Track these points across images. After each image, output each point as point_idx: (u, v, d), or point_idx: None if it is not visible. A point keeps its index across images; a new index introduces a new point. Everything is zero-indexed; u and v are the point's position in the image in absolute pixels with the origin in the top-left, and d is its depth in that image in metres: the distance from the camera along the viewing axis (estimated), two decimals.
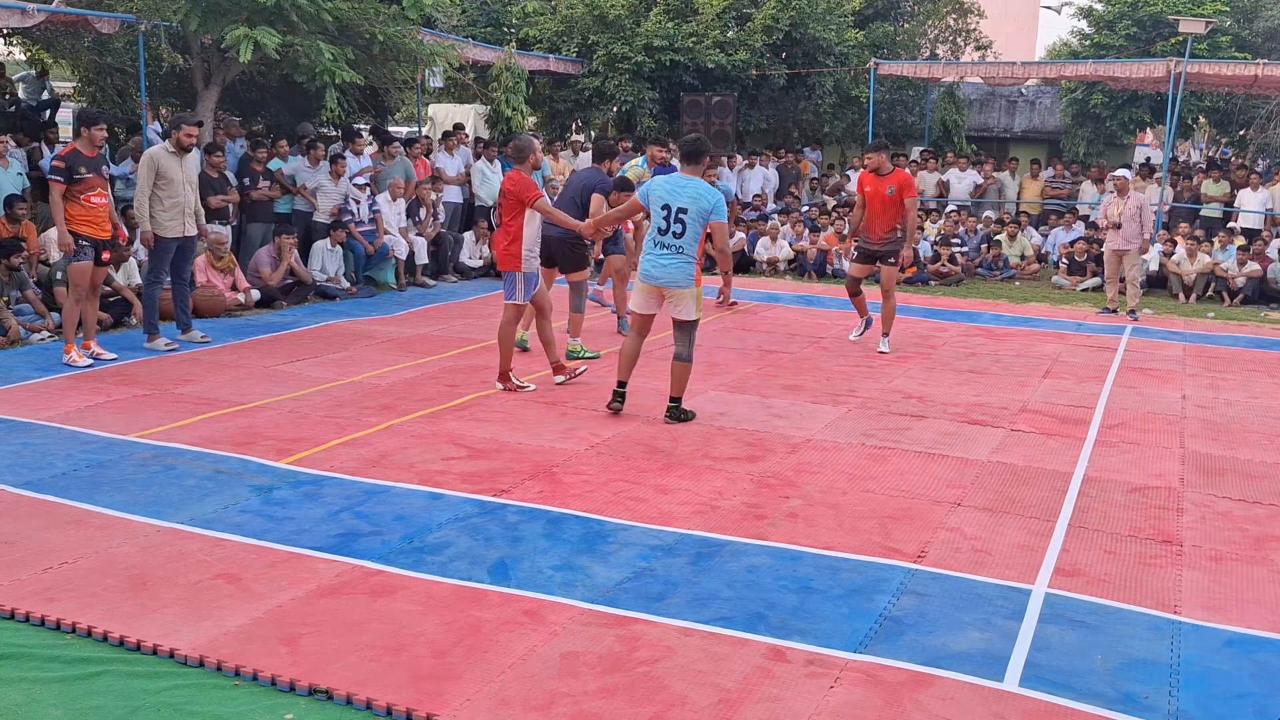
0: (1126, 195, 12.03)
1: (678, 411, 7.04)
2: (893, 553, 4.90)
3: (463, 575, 4.53)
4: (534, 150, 7.72)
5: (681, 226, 6.81)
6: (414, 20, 12.62)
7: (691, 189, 6.81)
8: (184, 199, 8.73)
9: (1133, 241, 12.04)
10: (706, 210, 6.78)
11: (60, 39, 13.53)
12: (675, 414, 7.03)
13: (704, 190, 6.83)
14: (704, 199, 6.78)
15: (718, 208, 6.83)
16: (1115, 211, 12.03)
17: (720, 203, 6.90)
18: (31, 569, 4.47)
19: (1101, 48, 20.08)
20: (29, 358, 8.40)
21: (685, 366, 7.01)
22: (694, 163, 6.94)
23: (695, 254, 6.89)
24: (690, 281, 6.90)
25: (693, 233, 6.81)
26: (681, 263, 6.85)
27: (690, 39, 17.79)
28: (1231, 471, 6.35)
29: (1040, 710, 3.60)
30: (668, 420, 6.98)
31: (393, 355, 8.82)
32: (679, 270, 6.86)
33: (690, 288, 6.91)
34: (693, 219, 6.79)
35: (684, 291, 6.89)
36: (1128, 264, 12.12)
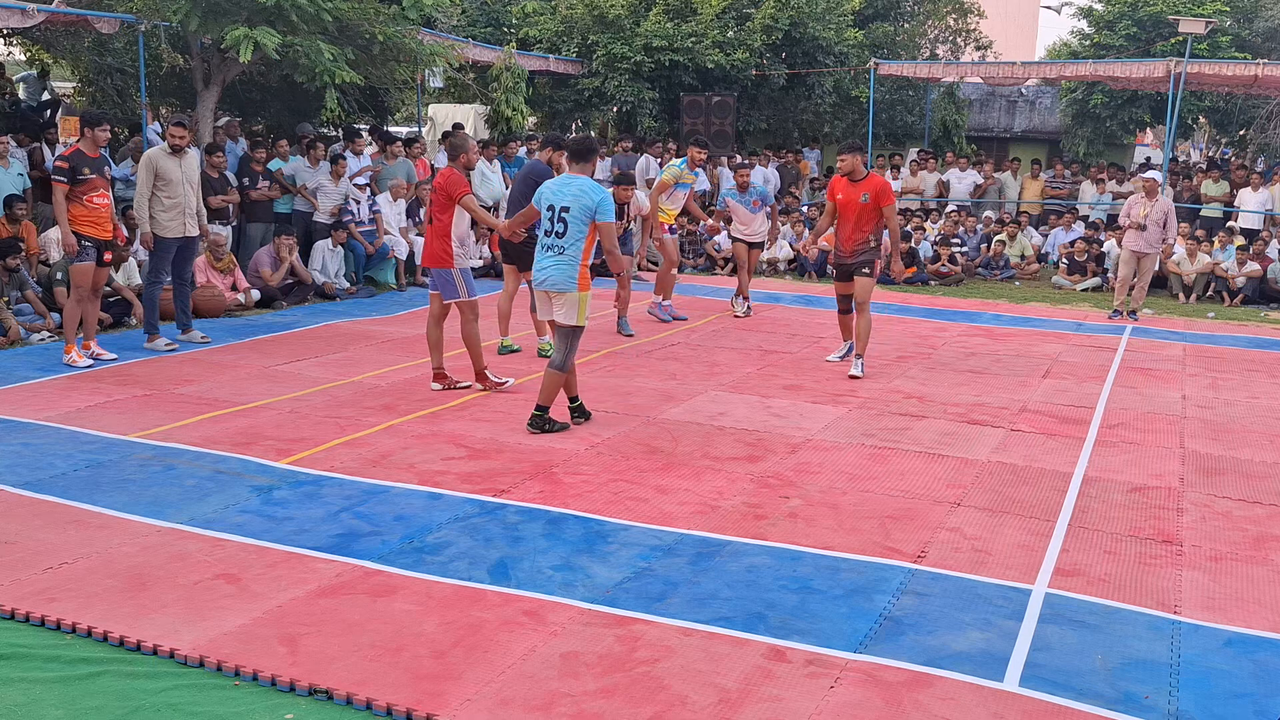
0: (1155, 198, 11.85)
1: (540, 421, 6.66)
2: (893, 553, 4.90)
3: (463, 575, 4.53)
4: (467, 149, 7.57)
5: (563, 226, 6.56)
6: (414, 20, 12.62)
7: (575, 187, 6.57)
8: (184, 199, 8.74)
9: (1155, 246, 11.94)
10: (590, 208, 6.51)
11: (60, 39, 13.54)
12: (538, 423, 6.65)
13: (589, 188, 6.55)
14: (587, 196, 6.51)
15: (602, 206, 6.53)
16: (1141, 213, 11.83)
17: (606, 201, 6.57)
18: (31, 569, 4.47)
19: (1101, 48, 20.08)
20: (29, 358, 8.40)
21: (556, 376, 6.67)
22: (582, 161, 6.74)
23: (579, 255, 6.56)
24: (572, 285, 6.57)
25: (575, 232, 6.54)
26: (562, 264, 6.57)
27: (690, 39, 17.80)
28: (1231, 471, 6.34)
29: (1040, 710, 3.59)
30: (530, 430, 6.64)
31: (393, 355, 8.82)
32: (559, 272, 6.57)
33: (572, 291, 6.58)
34: (574, 218, 6.53)
35: (566, 295, 6.60)
36: (1145, 268, 12.00)
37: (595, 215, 6.53)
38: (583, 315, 6.68)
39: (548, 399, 6.70)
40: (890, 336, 10.41)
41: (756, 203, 10.84)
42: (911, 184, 17.66)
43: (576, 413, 6.95)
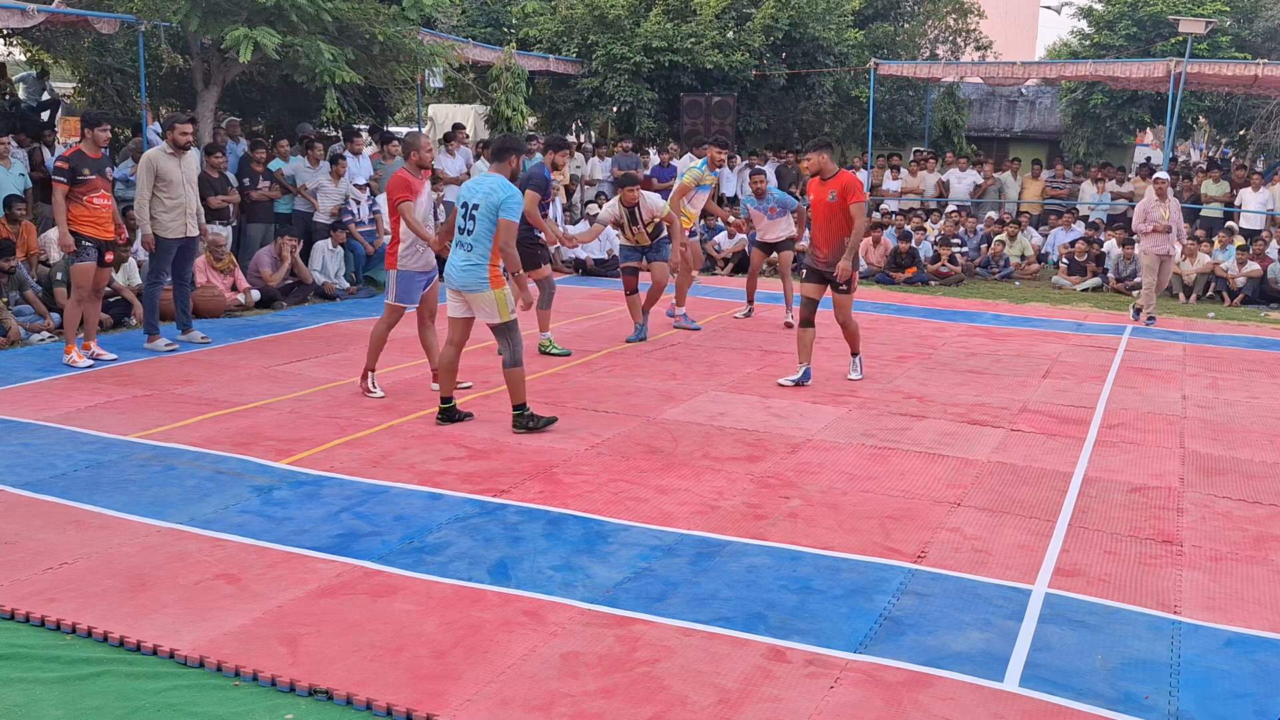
0: (1165, 199, 11.68)
1: (524, 419, 6.65)
2: (893, 553, 4.90)
3: (463, 575, 4.53)
4: (418, 147, 7.39)
5: (472, 223, 6.52)
6: (414, 20, 12.62)
7: (486, 185, 6.51)
8: (185, 199, 8.74)
9: (1176, 245, 11.86)
10: (495, 205, 6.44)
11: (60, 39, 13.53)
12: (521, 423, 6.65)
13: (498, 186, 6.48)
14: (495, 194, 6.45)
15: (507, 203, 6.45)
16: (1163, 215, 11.60)
17: (512, 199, 6.47)
18: (31, 569, 4.47)
19: (1101, 48, 20.08)
20: (29, 358, 8.40)
21: (515, 372, 6.62)
22: (499, 160, 6.70)
23: (488, 253, 6.51)
24: (482, 284, 6.52)
25: (482, 229, 6.48)
26: (470, 263, 6.52)
27: (689, 39, 17.79)
28: (1231, 471, 6.34)
29: (1040, 710, 3.59)
30: (516, 430, 6.64)
31: (393, 355, 8.82)
32: (468, 272, 6.53)
33: (483, 291, 6.53)
34: (483, 215, 6.47)
35: (477, 296, 6.55)
36: (1166, 270, 11.87)
37: (500, 212, 6.45)
38: (505, 310, 6.60)
39: (519, 397, 6.68)
40: (890, 336, 10.41)
41: (774, 209, 10.55)
42: (911, 184, 17.66)
43: (445, 415, 6.84)
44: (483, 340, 9.49)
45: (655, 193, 10.29)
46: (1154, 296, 11.91)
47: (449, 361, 6.83)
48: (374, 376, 7.58)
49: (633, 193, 9.35)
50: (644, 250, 9.67)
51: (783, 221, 10.65)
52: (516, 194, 6.57)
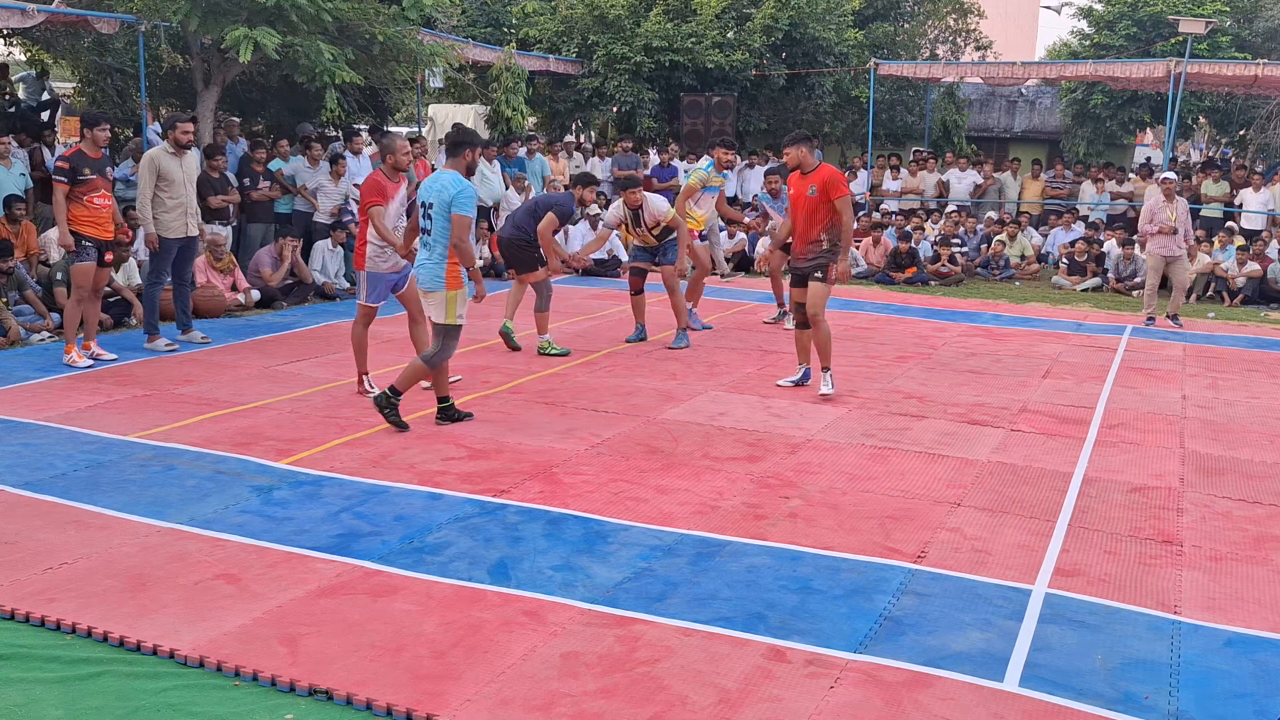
0: (1173, 200, 11.60)
1: (386, 401, 6.58)
2: (893, 553, 4.90)
3: (463, 575, 4.53)
4: (394, 150, 7.34)
5: (430, 222, 6.51)
6: (414, 20, 12.62)
7: (440, 182, 6.47)
8: (186, 199, 8.74)
9: (1180, 246, 11.71)
10: (448, 202, 6.40)
11: (60, 39, 13.53)
12: (381, 400, 6.60)
13: (448, 182, 6.43)
14: (447, 190, 6.40)
15: (459, 198, 6.39)
16: (1170, 216, 11.55)
17: (464, 193, 6.42)
18: (31, 569, 4.47)
19: (1101, 48, 20.09)
20: (29, 358, 8.40)
21: (419, 367, 6.63)
22: (453, 155, 6.64)
23: (446, 252, 6.48)
24: (437, 283, 6.50)
25: (439, 228, 6.45)
26: (430, 262, 6.51)
27: (690, 39, 17.80)
28: (1231, 471, 6.34)
29: (1040, 710, 3.59)
30: (375, 404, 6.64)
31: (393, 355, 8.82)
32: (427, 271, 6.52)
33: (439, 290, 6.51)
34: (438, 213, 6.44)
35: (435, 294, 6.54)
36: (1176, 271, 11.74)
37: (452, 207, 6.41)
38: (453, 313, 6.56)
39: (404, 385, 6.61)
40: (890, 336, 10.41)
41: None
42: (911, 184, 17.67)
43: (444, 415, 6.86)
44: (483, 340, 9.49)
45: (656, 194, 10.10)
46: (1155, 298, 11.89)
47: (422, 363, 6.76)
48: (368, 378, 7.59)
49: (635, 195, 9.23)
50: (653, 252, 9.53)
51: None
52: (469, 189, 6.49)
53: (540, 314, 9.05)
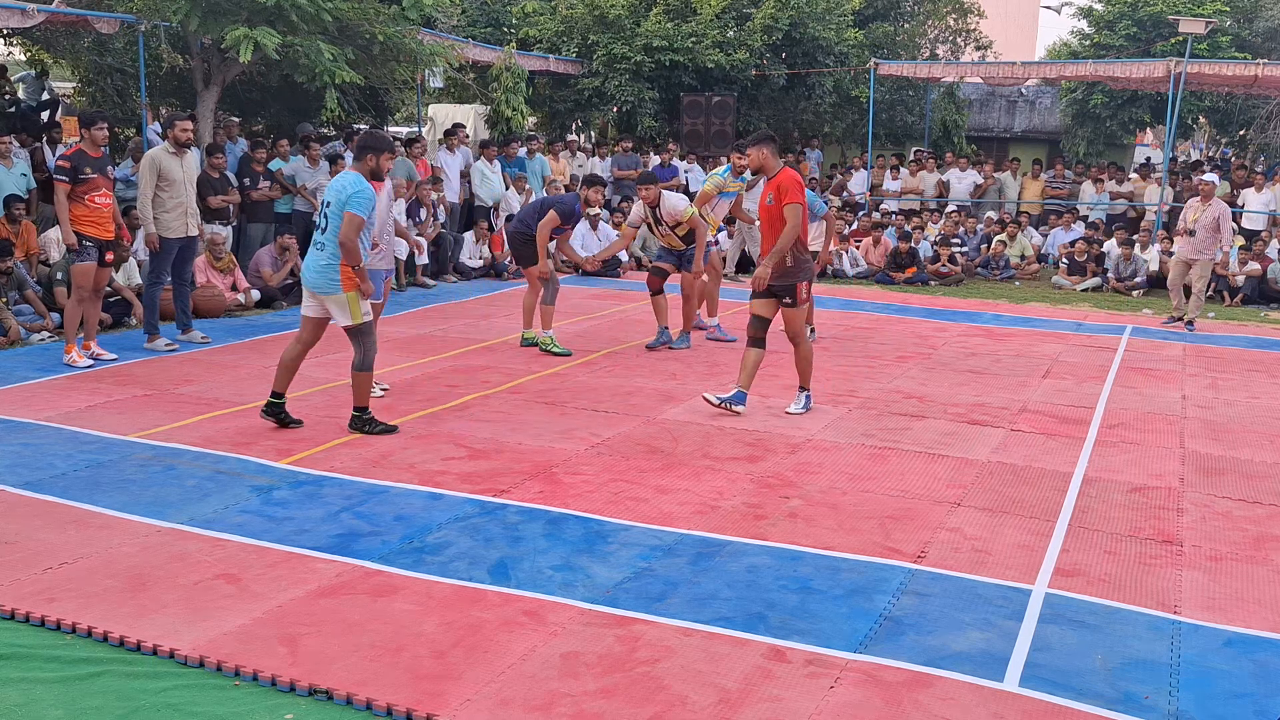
0: (1209, 202, 11.44)
1: (361, 421, 6.54)
2: (893, 553, 4.90)
3: (463, 575, 4.53)
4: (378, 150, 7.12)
5: (325, 221, 6.44)
6: (414, 20, 12.62)
7: (339, 183, 6.40)
8: (186, 199, 8.74)
9: (1204, 251, 11.47)
10: (343, 201, 6.31)
11: (60, 39, 13.54)
12: (358, 425, 6.54)
13: (347, 182, 6.35)
14: (343, 190, 6.33)
15: (354, 198, 6.29)
16: (1191, 217, 11.46)
17: (360, 194, 6.30)
18: (31, 569, 4.47)
19: (1101, 48, 20.09)
20: (29, 358, 8.40)
21: (360, 376, 6.53)
22: (357, 159, 6.58)
23: (336, 251, 6.35)
24: (333, 287, 6.40)
25: (334, 229, 6.35)
26: (322, 263, 6.41)
27: (690, 39, 17.80)
28: (1231, 471, 6.34)
29: (1040, 710, 3.59)
30: (351, 429, 6.53)
31: (393, 355, 8.82)
32: (320, 273, 6.42)
33: (335, 294, 6.41)
34: (334, 214, 6.36)
35: (332, 298, 6.44)
36: (1196, 273, 11.53)
37: (346, 205, 6.32)
38: (357, 313, 6.47)
39: (361, 400, 6.56)
40: (890, 336, 10.41)
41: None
42: (911, 184, 17.66)
43: (270, 411, 6.67)
44: (483, 340, 9.49)
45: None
46: (1176, 298, 11.73)
47: (291, 358, 6.65)
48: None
49: (650, 190, 9.00)
50: (678, 255, 9.32)
51: (813, 228, 9.74)
52: (366, 191, 6.39)
53: (545, 307, 9.05)
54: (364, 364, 6.57)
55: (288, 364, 6.66)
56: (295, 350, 6.67)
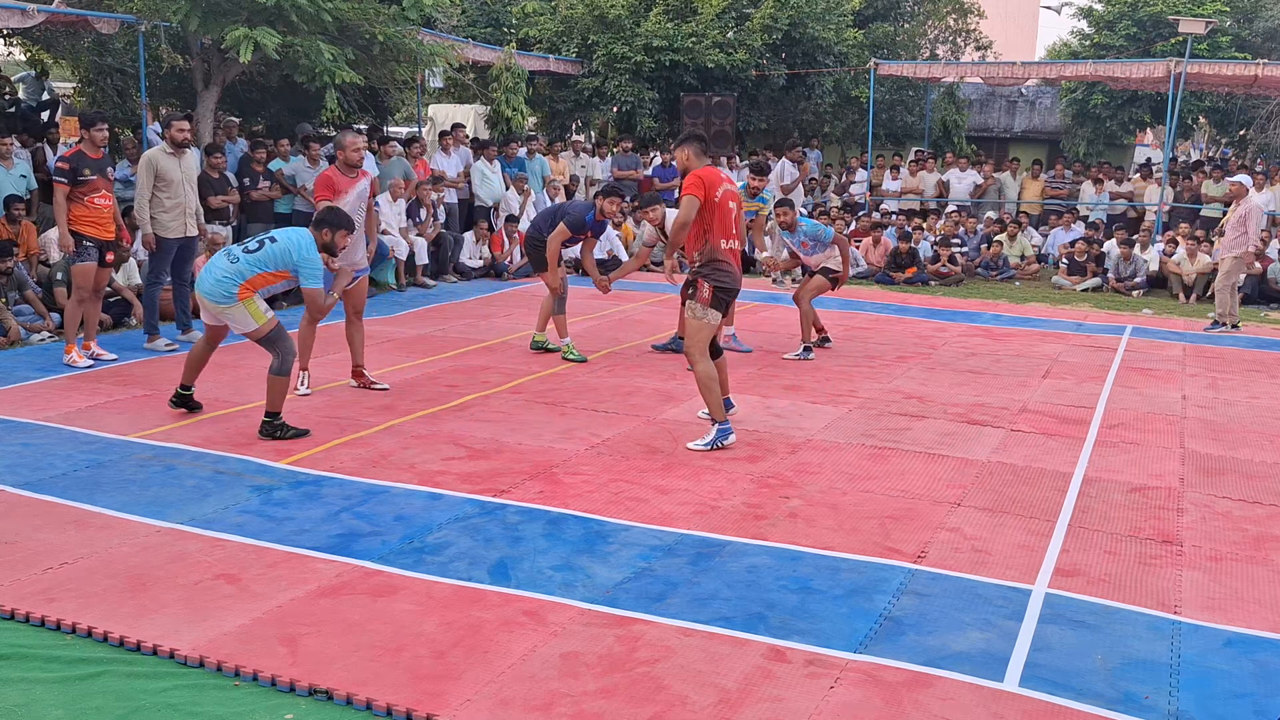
0: (1239, 201, 11.42)
1: (271, 427, 6.41)
2: (893, 553, 4.90)
3: (463, 575, 4.53)
4: (342, 146, 7.27)
5: (258, 245, 6.47)
6: (414, 20, 12.62)
7: (296, 239, 6.50)
8: (184, 199, 8.74)
9: (1229, 250, 11.44)
10: (294, 264, 6.42)
11: (60, 39, 13.54)
12: (268, 431, 6.41)
13: (304, 245, 6.44)
14: (298, 251, 6.42)
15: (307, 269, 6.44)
16: (1224, 219, 11.45)
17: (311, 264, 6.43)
18: (31, 569, 4.47)
19: (1101, 48, 20.10)
20: (29, 358, 8.40)
21: (275, 380, 6.40)
22: (315, 228, 6.64)
23: (245, 279, 6.36)
24: (229, 300, 6.34)
25: (261, 260, 6.40)
26: (225, 274, 6.37)
27: (690, 39, 17.80)
28: (1231, 471, 6.34)
29: (1040, 710, 3.59)
30: (261, 436, 6.41)
31: (393, 355, 8.82)
32: (216, 283, 6.36)
33: (229, 305, 6.35)
34: (274, 255, 6.44)
35: (228, 310, 6.40)
36: (1221, 271, 11.53)
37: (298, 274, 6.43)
38: (259, 315, 6.42)
39: (273, 405, 6.43)
40: (890, 336, 10.41)
41: (806, 244, 9.29)
42: (911, 184, 17.66)
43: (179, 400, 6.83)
44: (483, 340, 9.49)
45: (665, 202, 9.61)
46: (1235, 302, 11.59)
47: (198, 355, 6.78)
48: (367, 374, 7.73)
49: (654, 212, 8.73)
50: None
51: (820, 256, 9.34)
52: (318, 261, 6.51)
53: (557, 317, 8.95)
54: (281, 368, 6.44)
55: (195, 361, 6.82)
56: (202, 348, 6.82)
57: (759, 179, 9.50)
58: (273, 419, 6.46)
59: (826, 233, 9.28)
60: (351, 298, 7.67)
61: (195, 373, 6.84)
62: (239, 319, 6.44)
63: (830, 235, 9.28)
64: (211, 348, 6.82)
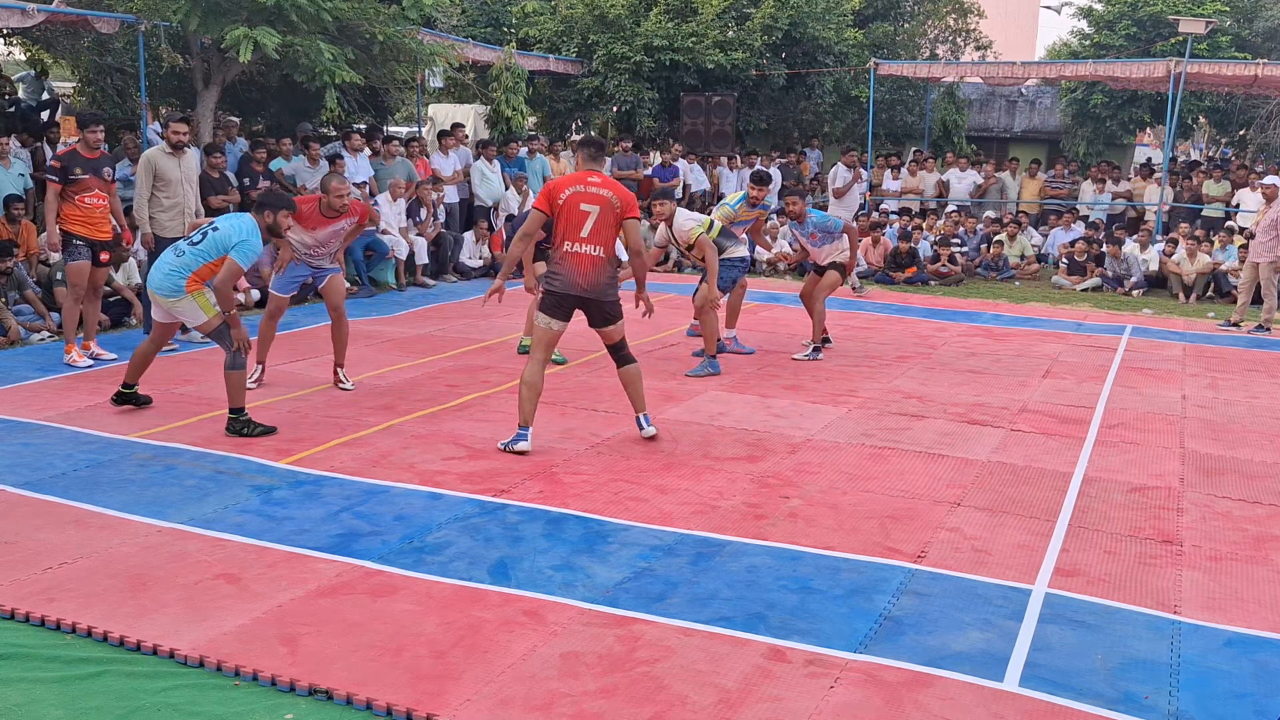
0: (1270, 204, 11.42)
1: (238, 424, 6.44)
2: (893, 553, 4.90)
3: (463, 575, 4.53)
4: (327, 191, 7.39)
5: (201, 238, 6.52)
6: (414, 20, 12.62)
7: (236, 223, 6.55)
8: (183, 199, 8.73)
9: (1262, 255, 11.40)
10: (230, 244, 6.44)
11: (60, 39, 13.54)
12: (235, 428, 6.43)
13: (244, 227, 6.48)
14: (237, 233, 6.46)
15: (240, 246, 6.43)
16: (1254, 221, 11.47)
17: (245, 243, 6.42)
18: (31, 569, 4.47)
19: (1101, 48, 20.10)
20: (29, 358, 8.40)
21: (232, 375, 6.42)
22: (257, 213, 6.68)
23: (193, 271, 6.43)
24: (176, 292, 6.41)
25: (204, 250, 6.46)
26: (173, 267, 6.45)
27: (690, 39, 17.80)
28: (1231, 471, 6.34)
29: (1040, 710, 3.59)
30: (228, 434, 6.41)
31: (393, 355, 8.82)
32: (165, 276, 6.45)
33: (178, 297, 6.43)
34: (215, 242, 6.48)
35: (178, 303, 6.46)
36: (1260, 276, 11.44)
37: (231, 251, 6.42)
38: (208, 307, 6.48)
39: (236, 401, 6.47)
40: (890, 336, 10.41)
41: (815, 235, 9.12)
42: (911, 184, 17.66)
43: (121, 398, 6.90)
44: (482, 340, 9.49)
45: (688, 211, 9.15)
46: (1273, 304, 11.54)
47: (143, 354, 6.87)
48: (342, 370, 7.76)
49: (663, 206, 8.60)
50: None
51: (829, 248, 9.23)
52: (256, 242, 6.50)
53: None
54: (234, 363, 6.46)
55: (139, 360, 6.90)
56: (147, 347, 6.90)
57: (759, 189, 9.34)
58: (238, 415, 6.49)
59: (836, 223, 9.19)
60: (327, 296, 7.75)
61: (139, 372, 6.93)
62: (189, 312, 6.51)
63: (840, 225, 9.21)
64: (157, 347, 6.94)
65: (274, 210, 6.70)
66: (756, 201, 9.34)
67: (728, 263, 8.73)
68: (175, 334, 6.85)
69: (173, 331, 6.87)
